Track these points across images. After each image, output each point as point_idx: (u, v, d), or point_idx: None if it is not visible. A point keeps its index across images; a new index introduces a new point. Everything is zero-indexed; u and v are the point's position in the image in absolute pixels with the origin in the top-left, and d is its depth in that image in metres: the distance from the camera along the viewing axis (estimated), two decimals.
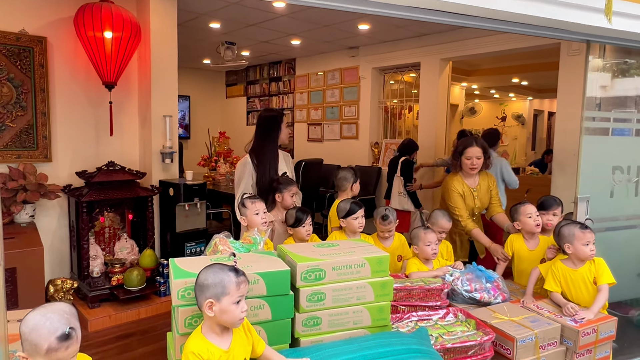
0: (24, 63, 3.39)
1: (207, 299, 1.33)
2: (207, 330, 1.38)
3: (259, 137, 2.86)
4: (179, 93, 7.77)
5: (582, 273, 2.25)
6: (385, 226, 2.62)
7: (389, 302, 1.78)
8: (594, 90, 2.71)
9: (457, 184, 2.93)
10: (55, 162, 3.58)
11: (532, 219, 2.55)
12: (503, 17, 2.00)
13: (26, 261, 2.98)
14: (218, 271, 1.35)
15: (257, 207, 2.33)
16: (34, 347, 1.22)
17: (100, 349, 2.92)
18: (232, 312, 1.33)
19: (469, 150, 2.89)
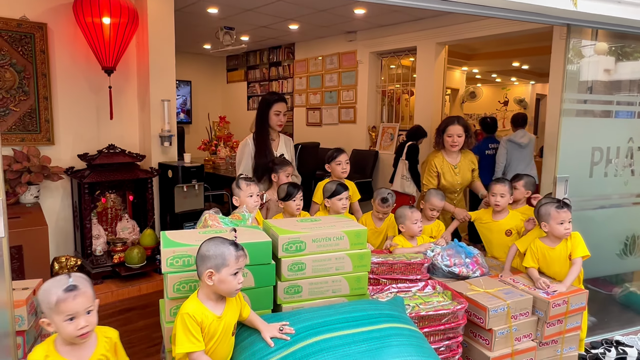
0: (25, 49, 3.50)
1: (207, 268, 1.44)
2: (204, 296, 1.50)
3: (256, 119, 3.01)
4: (180, 78, 7.92)
5: (559, 251, 2.35)
6: (383, 208, 2.74)
7: (367, 272, 1.90)
8: (582, 74, 2.78)
9: (437, 161, 3.12)
10: (57, 145, 3.71)
11: (494, 198, 2.73)
12: (485, 3, 2.07)
13: (31, 239, 3.13)
14: (220, 244, 1.47)
15: (252, 190, 2.44)
16: (47, 307, 1.31)
17: (104, 322, 3.01)
18: (230, 282, 1.45)
19: (451, 128, 3.07)
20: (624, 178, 2.85)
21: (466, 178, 3.18)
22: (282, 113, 3.02)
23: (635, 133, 2.84)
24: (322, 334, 1.55)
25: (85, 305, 1.34)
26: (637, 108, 2.91)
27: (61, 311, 1.29)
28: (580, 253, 2.31)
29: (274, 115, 2.99)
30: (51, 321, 1.32)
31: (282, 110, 3.02)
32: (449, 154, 3.14)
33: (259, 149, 2.96)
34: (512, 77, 10.40)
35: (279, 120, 3.01)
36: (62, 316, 1.29)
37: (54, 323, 1.32)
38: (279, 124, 3.03)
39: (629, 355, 2.64)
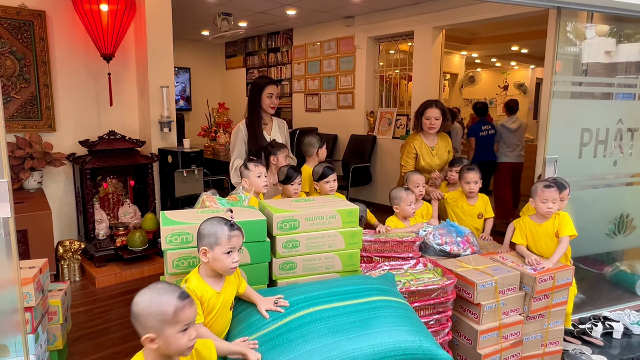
0: (25, 36, 3.55)
1: (202, 246, 1.52)
2: (204, 272, 1.57)
3: (248, 103, 3.03)
4: (179, 65, 7.94)
5: (545, 227, 2.43)
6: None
7: (358, 249, 1.98)
8: (572, 57, 2.83)
9: (416, 143, 3.22)
10: (59, 132, 3.78)
11: (469, 185, 2.82)
12: None
13: (36, 223, 3.22)
14: (215, 224, 1.54)
15: (260, 170, 2.51)
16: (158, 320, 1.17)
17: (108, 302, 3.18)
18: (223, 261, 1.51)
19: (429, 111, 3.17)
20: (612, 159, 2.91)
21: (443, 159, 3.29)
22: (275, 95, 3.02)
23: (624, 114, 2.89)
24: (315, 306, 1.63)
25: (195, 315, 1.28)
26: (627, 90, 2.96)
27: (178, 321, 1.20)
28: (567, 232, 2.39)
29: (266, 98, 2.99)
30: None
31: (274, 92, 3.01)
32: (427, 136, 3.25)
33: (252, 133, 2.99)
34: (511, 61, 10.37)
35: (272, 103, 3.01)
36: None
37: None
38: (272, 107, 3.02)
39: (615, 329, 2.73)
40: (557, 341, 2.39)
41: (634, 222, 3.11)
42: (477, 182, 2.81)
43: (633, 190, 3.12)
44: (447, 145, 3.31)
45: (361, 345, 1.51)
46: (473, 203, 2.88)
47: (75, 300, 3.16)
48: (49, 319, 2.20)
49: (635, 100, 2.97)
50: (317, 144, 3.00)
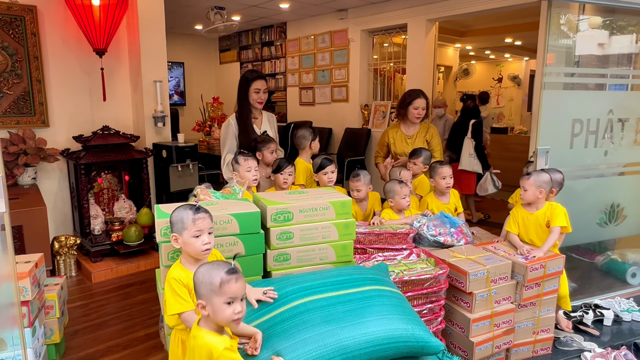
0: (16, 32, 3.53)
1: (172, 233, 1.57)
2: (185, 261, 1.61)
3: (237, 98, 3.05)
4: (173, 60, 7.91)
5: (536, 217, 2.47)
6: (354, 183, 2.81)
7: (352, 240, 2.01)
8: (563, 48, 2.85)
9: (391, 132, 3.36)
10: (52, 128, 3.77)
11: (445, 181, 2.81)
12: None
13: (31, 219, 3.22)
14: (181, 210, 1.58)
15: (250, 164, 2.54)
16: (208, 287, 1.30)
17: (105, 297, 3.20)
18: (193, 244, 1.55)
19: (417, 101, 3.24)
20: (603, 149, 2.94)
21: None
22: (262, 90, 3.00)
23: (615, 105, 2.92)
24: (309, 296, 1.66)
25: (243, 290, 1.35)
26: (618, 81, 2.99)
27: (224, 293, 1.30)
28: (558, 223, 2.41)
29: (253, 93, 2.98)
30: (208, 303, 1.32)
31: (262, 87, 3.00)
32: (408, 125, 3.32)
33: (242, 128, 2.99)
34: (505, 53, 10.39)
35: (259, 98, 3.00)
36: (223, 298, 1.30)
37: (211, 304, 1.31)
38: (259, 102, 3.01)
39: (605, 317, 2.77)
40: (549, 328, 2.43)
41: (625, 212, 3.15)
42: (451, 177, 2.82)
43: (624, 180, 3.16)
44: (429, 136, 3.32)
45: (354, 333, 1.53)
46: (447, 201, 2.87)
47: (71, 295, 3.18)
48: (46, 313, 2.21)
49: (625, 91, 3.00)
50: (310, 136, 3.02)
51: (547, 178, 2.43)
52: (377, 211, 2.87)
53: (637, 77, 3.10)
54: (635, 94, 3.03)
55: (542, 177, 2.43)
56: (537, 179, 2.42)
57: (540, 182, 2.42)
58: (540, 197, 2.44)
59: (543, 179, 2.42)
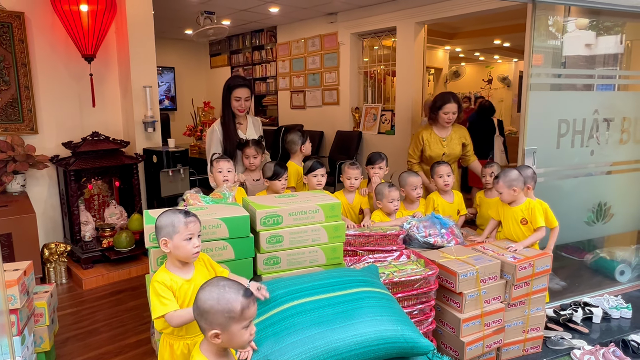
0: (3, 38, 3.51)
1: (162, 237, 1.56)
2: (170, 265, 1.61)
3: (222, 104, 3.05)
4: (163, 65, 7.89)
5: (513, 212, 2.55)
6: (353, 170, 2.83)
7: (342, 243, 2.02)
8: (549, 49, 2.89)
9: (424, 133, 3.29)
10: (41, 134, 3.75)
11: (442, 179, 2.86)
12: None
13: (20, 227, 3.19)
14: (170, 214, 1.58)
15: (221, 166, 2.56)
16: (226, 316, 1.20)
17: (96, 303, 3.18)
18: (184, 247, 1.55)
19: (448, 106, 3.19)
20: (590, 148, 2.98)
21: (454, 150, 3.28)
22: (243, 98, 2.99)
23: (600, 105, 2.96)
24: (299, 299, 1.66)
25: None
26: (603, 81, 3.03)
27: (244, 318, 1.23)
28: (538, 224, 2.47)
29: (234, 101, 2.98)
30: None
31: (243, 95, 2.98)
32: (440, 128, 3.28)
33: (226, 133, 2.99)
34: (494, 55, 10.49)
35: (240, 106, 2.99)
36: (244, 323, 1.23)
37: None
38: (240, 109, 3.00)
39: (594, 314, 2.81)
40: (538, 327, 2.45)
41: (612, 210, 3.19)
42: (449, 175, 2.85)
43: (611, 179, 3.20)
44: (463, 138, 3.31)
45: (344, 335, 1.54)
46: (451, 200, 2.91)
47: (62, 302, 3.15)
48: (35, 321, 2.20)
49: (610, 92, 3.05)
50: (300, 140, 3.03)
51: (515, 175, 2.48)
52: (365, 209, 2.89)
53: (622, 78, 3.15)
54: (620, 94, 3.08)
55: (510, 175, 2.48)
56: (505, 180, 2.48)
57: (510, 181, 2.47)
58: (516, 195, 2.50)
59: (512, 177, 2.47)
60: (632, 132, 3.12)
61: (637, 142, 3.16)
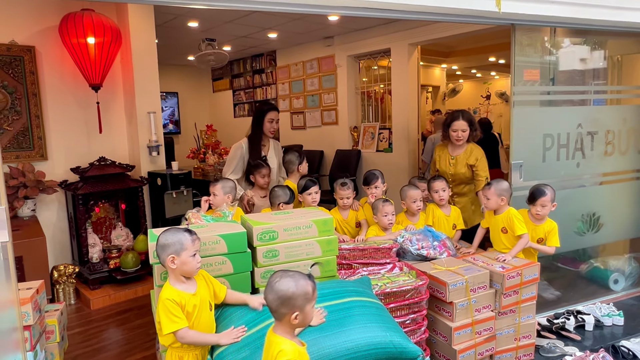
0: (15, 71, 3.71)
1: (169, 254, 1.67)
2: (174, 281, 1.72)
3: (252, 124, 3.32)
4: (167, 90, 8.13)
5: (497, 220, 2.71)
6: (343, 191, 2.96)
7: (335, 256, 2.13)
8: (532, 68, 3.04)
9: (439, 149, 3.39)
10: (51, 160, 3.92)
11: (437, 194, 2.98)
12: (424, 10, 2.31)
13: (31, 250, 3.33)
14: (175, 232, 1.70)
15: (215, 190, 2.69)
16: (303, 298, 1.42)
17: (103, 322, 3.29)
18: (190, 263, 1.68)
19: (455, 123, 3.17)
20: (575, 161, 3.10)
21: (459, 171, 3.22)
22: (275, 120, 3.29)
23: (583, 119, 3.09)
24: None
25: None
26: (584, 96, 3.17)
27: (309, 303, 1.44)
28: (518, 232, 2.60)
29: (267, 123, 3.26)
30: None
31: (275, 118, 3.29)
32: (454, 146, 3.26)
33: (252, 152, 3.24)
34: (491, 71, 10.68)
35: (272, 127, 3.29)
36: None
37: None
38: (272, 131, 3.31)
39: (586, 322, 2.88)
40: (530, 335, 2.53)
41: (601, 220, 3.28)
42: (444, 190, 2.96)
43: (598, 190, 3.31)
44: (472, 159, 3.18)
45: (335, 341, 1.65)
46: (448, 213, 3.03)
47: (71, 322, 3.26)
48: (47, 337, 2.31)
49: (593, 106, 3.18)
50: (297, 160, 3.18)
51: (506, 186, 2.66)
52: (360, 220, 3.00)
53: (602, 92, 3.28)
54: (602, 108, 3.22)
55: (502, 185, 2.66)
56: (497, 188, 2.64)
57: (501, 190, 2.64)
58: (502, 204, 2.66)
59: (503, 187, 2.65)
60: (617, 144, 3.24)
61: (622, 153, 3.27)
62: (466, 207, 3.29)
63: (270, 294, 1.43)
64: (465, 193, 3.32)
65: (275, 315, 1.45)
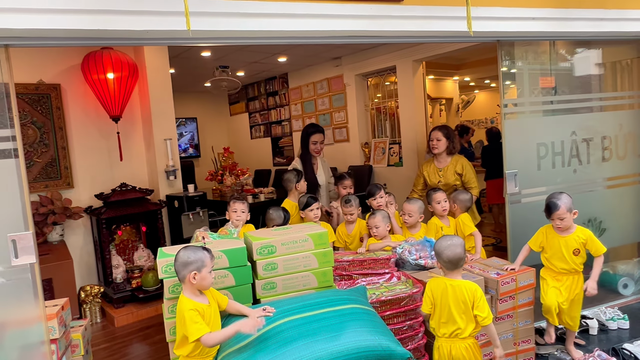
0: (43, 108, 4.04)
1: (191, 271, 1.83)
2: (190, 294, 1.88)
3: (300, 146, 3.75)
4: (187, 116, 8.49)
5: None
6: (347, 209, 3.11)
7: (331, 267, 2.27)
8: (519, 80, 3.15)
9: (425, 165, 3.64)
10: (76, 188, 4.21)
11: (440, 205, 3.10)
12: (409, 35, 2.46)
13: (59, 272, 3.59)
14: (196, 251, 1.87)
15: (236, 207, 2.87)
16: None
17: (126, 338, 3.49)
18: (208, 278, 1.86)
19: (432, 133, 3.55)
20: (572, 168, 3.16)
21: (448, 180, 3.48)
22: (319, 142, 3.69)
23: (577, 127, 3.17)
24: (289, 316, 1.92)
25: None
26: (574, 105, 3.23)
27: None
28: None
29: (312, 145, 3.68)
30: None
31: (318, 140, 3.69)
32: (438, 159, 3.56)
33: (307, 172, 3.60)
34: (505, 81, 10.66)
35: (316, 148, 3.70)
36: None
37: None
38: (316, 151, 3.71)
39: (590, 326, 2.91)
40: (529, 339, 2.59)
41: (604, 225, 3.32)
42: (446, 201, 3.08)
43: (598, 195, 3.34)
44: (459, 167, 3.46)
45: (327, 345, 1.78)
46: (447, 224, 3.13)
47: (97, 339, 3.48)
48: (72, 351, 2.51)
49: (586, 114, 3.25)
50: (294, 179, 3.36)
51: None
52: (364, 235, 3.14)
53: (595, 100, 3.34)
54: (596, 115, 3.28)
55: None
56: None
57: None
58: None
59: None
60: (614, 149, 3.29)
61: (620, 158, 3.32)
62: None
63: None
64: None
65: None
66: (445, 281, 2.10)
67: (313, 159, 3.73)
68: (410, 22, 2.32)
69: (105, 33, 1.89)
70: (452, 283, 2.09)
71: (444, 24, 2.37)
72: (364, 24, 2.23)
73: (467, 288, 2.06)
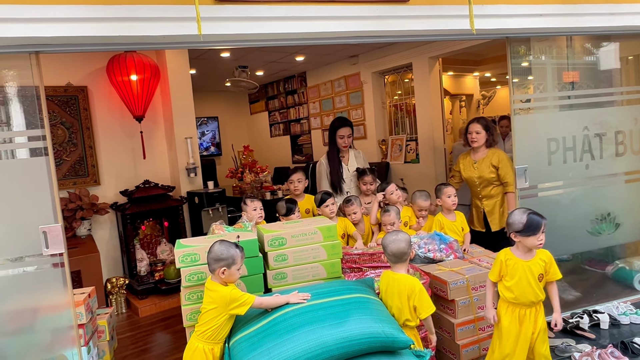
0: (71, 109, 4.26)
1: (221, 267, 1.95)
2: (217, 281, 2.01)
3: (328, 141, 3.70)
4: (208, 115, 8.70)
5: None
6: (347, 208, 3.19)
7: (339, 259, 2.37)
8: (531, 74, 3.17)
9: (462, 157, 3.57)
10: (103, 185, 4.42)
11: (450, 199, 3.13)
12: (415, 34, 2.52)
13: (87, 265, 3.80)
14: (230, 247, 1.98)
15: (255, 205, 3.00)
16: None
17: (150, 327, 3.67)
18: (235, 275, 1.99)
19: (470, 126, 3.46)
20: (584, 163, 3.16)
21: (484, 174, 3.37)
22: (346, 136, 3.59)
23: (589, 122, 3.16)
24: (297, 304, 2.02)
25: None
26: (585, 100, 3.22)
27: None
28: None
29: (338, 139, 3.60)
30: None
31: (346, 133, 3.59)
32: (475, 151, 3.46)
33: (331, 166, 3.59)
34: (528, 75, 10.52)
35: (344, 142, 3.61)
36: None
37: None
38: (344, 145, 3.62)
39: (601, 320, 2.91)
40: None
41: (618, 220, 3.30)
42: (456, 195, 3.14)
43: (612, 190, 3.32)
44: (495, 160, 3.33)
45: (333, 331, 1.88)
46: (453, 219, 3.18)
47: (122, 328, 3.67)
48: (98, 336, 2.69)
49: (598, 109, 3.23)
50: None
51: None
52: (373, 227, 3.22)
53: (608, 95, 3.32)
54: (609, 110, 3.26)
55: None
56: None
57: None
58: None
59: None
60: (629, 144, 3.27)
61: (635, 153, 3.30)
62: (495, 209, 3.44)
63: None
64: (493, 195, 3.45)
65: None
66: (390, 274, 2.18)
67: (341, 153, 3.65)
68: (415, 22, 2.38)
69: (126, 39, 2.03)
70: (395, 276, 2.15)
71: (448, 23, 2.42)
72: (370, 24, 2.31)
73: (407, 281, 2.11)
